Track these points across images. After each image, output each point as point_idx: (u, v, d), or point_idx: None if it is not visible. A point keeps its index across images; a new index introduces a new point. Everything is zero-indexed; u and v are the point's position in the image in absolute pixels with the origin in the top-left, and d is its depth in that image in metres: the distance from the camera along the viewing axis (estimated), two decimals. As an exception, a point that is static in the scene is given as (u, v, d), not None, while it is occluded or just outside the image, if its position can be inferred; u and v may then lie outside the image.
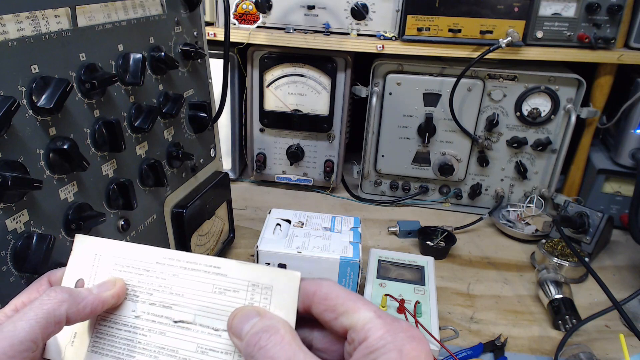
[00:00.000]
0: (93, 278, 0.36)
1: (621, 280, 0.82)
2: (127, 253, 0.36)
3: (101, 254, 0.37)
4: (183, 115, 0.66)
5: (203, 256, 0.35)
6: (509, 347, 0.66)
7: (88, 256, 0.37)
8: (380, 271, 0.72)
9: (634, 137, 0.91)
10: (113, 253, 0.37)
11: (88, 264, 0.37)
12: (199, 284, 0.34)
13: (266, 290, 0.33)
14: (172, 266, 0.35)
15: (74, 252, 0.37)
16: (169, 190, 0.64)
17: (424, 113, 0.95)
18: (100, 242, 0.37)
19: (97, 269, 0.36)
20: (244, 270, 0.34)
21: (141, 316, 0.35)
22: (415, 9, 0.87)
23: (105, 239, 0.37)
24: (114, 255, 0.37)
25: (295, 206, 0.99)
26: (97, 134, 0.49)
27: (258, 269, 0.33)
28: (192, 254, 0.35)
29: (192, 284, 0.34)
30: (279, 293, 0.33)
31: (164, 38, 0.60)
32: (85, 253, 0.37)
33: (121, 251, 0.37)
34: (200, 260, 0.35)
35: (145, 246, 0.36)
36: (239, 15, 0.91)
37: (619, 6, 0.84)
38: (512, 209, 0.97)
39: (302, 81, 0.96)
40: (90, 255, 0.37)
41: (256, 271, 0.33)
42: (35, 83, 0.42)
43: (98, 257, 0.37)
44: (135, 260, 0.36)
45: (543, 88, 0.91)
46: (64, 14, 0.45)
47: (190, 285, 0.34)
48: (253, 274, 0.33)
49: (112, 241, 0.37)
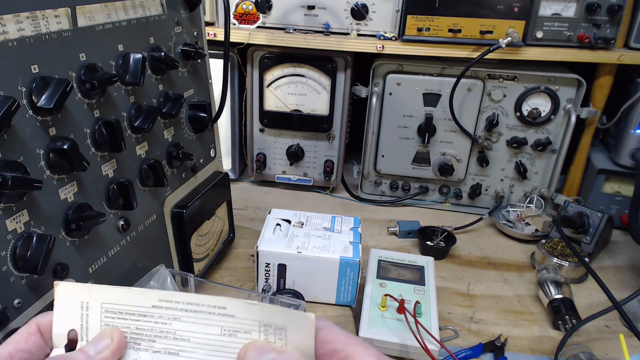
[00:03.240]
0: (85, 329, 0.33)
1: (621, 280, 0.82)
2: (117, 298, 0.33)
3: (88, 301, 0.33)
4: (183, 116, 0.66)
5: (204, 296, 0.32)
6: (509, 347, 0.66)
7: (74, 305, 0.33)
8: (380, 271, 0.72)
9: (634, 137, 0.91)
10: (101, 299, 0.33)
11: (76, 313, 0.33)
12: (205, 326, 0.32)
13: (280, 331, 0.31)
14: (171, 309, 0.32)
15: (57, 302, 0.33)
16: (169, 190, 0.64)
17: (424, 113, 0.95)
18: (83, 288, 0.33)
19: (87, 318, 0.33)
20: (253, 311, 0.31)
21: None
22: (415, 9, 0.87)
23: (89, 285, 0.33)
24: (104, 302, 0.33)
25: (295, 206, 0.99)
26: (97, 134, 0.49)
27: (268, 309, 0.31)
28: (190, 294, 0.32)
29: (197, 327, 0.32)
30: (295, 333, 0.30)
31: (164, 38, 0.60)
32: (70, 302, 0.33)
33: (110, 296, 0.33)
34: (201, 300, 0.32)
35: (136, 289, 0.33)
36: (239, 15, 0.91)
37: (619, 6, 0.84)
38: (512, 209, 0.97)
39: (302, 81, 0.96)
40: (77, 303, 0.33)
41: (267, 311, 0.31)
42: (35, 83, 0.42)
43: (85, 304, 0.33)
44: (128, 306, 0.32)
45: (543, 88, 0.91)
46: (64, 14, 0.45)
47: (195, 328, 0.32)
48: (264, 315, 0.31)
49: (97, 286, 0.33)
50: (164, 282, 0.56)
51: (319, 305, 0.72)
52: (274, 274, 0.70)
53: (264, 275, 0.70)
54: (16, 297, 0.42)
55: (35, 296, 0.44)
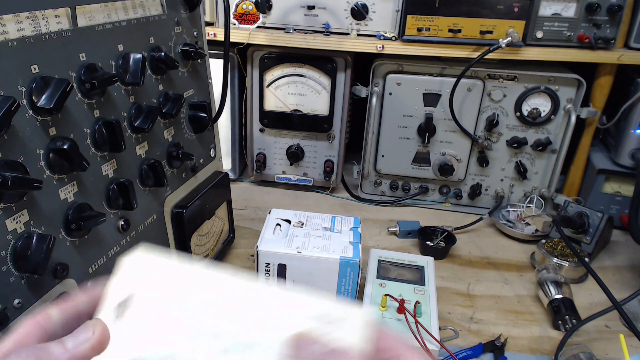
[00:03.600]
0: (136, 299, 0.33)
1: (621, 280, 0.82)
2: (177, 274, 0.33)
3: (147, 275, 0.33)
4: (183, 116, 0.66)
5: (265, 284, 0.33)
6: (509, 347, 0.66)
7: (133, 276, 0.33)
8: (380, 271, 0.72)
9: (634, 137, 0.91)
10: (161, 273, 0.33)
11: (132, 284, 0.33)
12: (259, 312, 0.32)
13: (332, 325, 0.31)
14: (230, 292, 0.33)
15: (119, 272, 0.34)
16: (169, 190, 0.64)
17: (424, 113, 0.95)
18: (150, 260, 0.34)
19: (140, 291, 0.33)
20: (310, 301, 0.32)
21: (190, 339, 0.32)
22: (415, 9, 0.87)
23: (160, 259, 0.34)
24: (162, 276, 0.33)
25: (295, 206, 0.99)
26: (97, 134, 0.49)
27: (325, 302, 0.32)
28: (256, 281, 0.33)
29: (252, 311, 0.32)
30: (347, 331, 0.30)
31: (164, 38, 0.60)
32: (131, 272, 0.33)
33: (169, 271, 0.33)
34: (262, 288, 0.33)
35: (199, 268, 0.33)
36: (239, 15, 0.91)
37: (619, 6, 0.84)
38: (512, 209, 0.97)
39: (302, 81, 0.96)
40: (135, 275, 0.33)
41: (323, 304, 0.32)
42: (35, 83, 0.42)
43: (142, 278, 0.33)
44: (185, 281, 0.33)
45: (543, 88, 0.91)
46: (64, 14, 0.45)
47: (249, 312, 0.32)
48: (319, 307, 0.31)
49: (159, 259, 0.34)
50: (164, 282, 0.56)
51: (319, 305, 0.71)
52: (274, 274, 0.70)
53: (264, 276, 0.70)
54: (16, 297, 0.42)
55: (35, 296, 0.43)
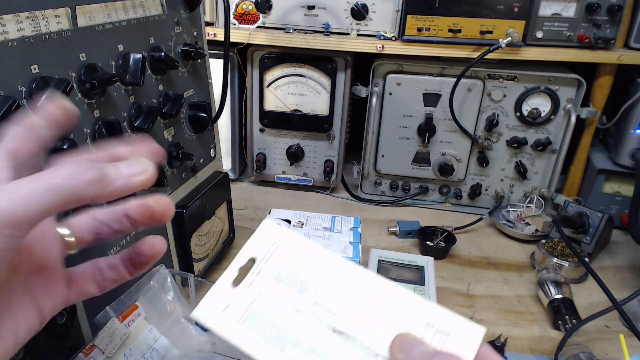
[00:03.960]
0: (265, 260, 0.36)
1: (621, 280, 0.82)
2: (307, 250, 0.36)
3: (280, 243, 0.37)
4: (183, 116, 0.66)
5: (380, 277, 0.34)
6: (509, 347, 0.66)
7: (267, 241, 0.37)
8: (380, 271, 0.72)
9: (634, 137, 0.91)
10: (293, 245, 0.36)
11: (265, 247, 0.37)
12: (372, 304, 0.33)
13: (442, 334, 0.31)
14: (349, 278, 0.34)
15: (255, 233, 0.37)
16: (169, 190, 0.64)
17: (424, 113, 0.95)
18: (284, 231, 0.37)
19: (272, 254, 0.36)
20: (423, 306, 0.32)
21: (302, 312, 0.34)
22: (415, 9, 0.87)
23: (290, 231, 0.37)
24: (293, 248, 0.36)
25: (295, 206, 0.99)
26: (97, 134, 0.49)
27: (438, 309, 0.32)
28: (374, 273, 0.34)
29: (365, 301, 0.33)
30: (457, 342, 0.30)
31: (164, 38, 0.60)
32: (266, 237, 0.37)
33: (302, 246, 0.36)
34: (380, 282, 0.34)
35: (326, 250, 0.36)
36: (239, 15, 0.91)
37: (619, 6, 0.84)
38: (512, 209, 0.97)
39: (302, 81, 0.96)
40: (270, 240, 0.37)
41: (435, 311, 0.32)
42: (35, 83, 0.42)
43: (277, 244, 0.37)
44: (313, 258, 0.35)
45: (543, 88, 0.91)
46: (64, 14, 0.45)
47: (362, 302, 0.33)
48: (431, 313, 0.32)
49: (296, 234, 0.37)
50: (164, 282, 0.56)
51: (319, 305, 0.72)
52: (274, 274, 0.70)
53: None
54: (16, 297, 0.42)
55: (35, 296, 0.43)
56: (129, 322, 0.49)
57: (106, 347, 0.46)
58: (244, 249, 0.37)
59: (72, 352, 0.47)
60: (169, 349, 0.52)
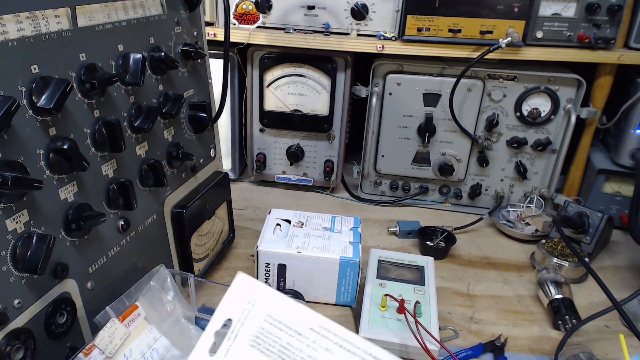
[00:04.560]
0: (242, 322, 0.35)
1: (621, 280, 0.82)
2: (282, 308, 0.35)
3: (256, 300, 0.36)
4: (183, 116, 0.66)
5: (363, 340, 0.33)
6: (509, 347, 0.66)
7: (243, 298, 0.36)
8: (380, 271, 0.72)
9: (634, 137, 0.91)
10: (268, 303, 0.35)
11: (241, 306, 0.36)
12: None
13: None
14: (326, 339, 0.33)
15: (230, 289, 0.37)
16: (169, 190, 0.64)
17: (424, 113, 0.95)
18: (259, 287, 0.36)
19: (248, 314, 0.35)
20: None
21: None
22: (415, 9, 0.87)
23: (265, 286, 0.36)
24: (268, 306, 0.35)
25: (295, 206, 0.99)
26: (97, 134, 0.49)
27: None
28: (350, 332, 0.33)
29: None
30: None
31: (164, 38, 0.60)
32: (240, 294, 0.36)
33: (276, 304, 0.35)
34: (359, 343, 0.33)
35: (302, 306, 0.35)
36: (239, 15, 0.91)
37: (619, 6, 0.84)
38: (512, 209, 0.97)
39: (302, 81, 0.96)
40: (245, 298, 0.36)
41: None
42: (35, 83, 0.42)
43: (252, 302, 0.36)
44: (288, 318, 0.34)
45: (543, 88, 0.91)
46: (64, 14, 0.45)
47: None
48: None
49: (271, 290, 0.36)
50: (164, 282, 0.56)
51: (319, 305, 0.72)
52: (274, 274, 0.70)
53: (264, 276, 0.70)
54: (16, 297, 0.42)
55: (35, 296, 0.44)
56: (129, 322, 0.49)
57: (106, 347, 0.46)
58: (219, 310, 0.36)
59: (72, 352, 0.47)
60: (169, 349, 0.52)
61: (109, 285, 0.53)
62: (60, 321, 0.46)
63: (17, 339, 0.41)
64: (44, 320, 0.44)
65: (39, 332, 0.44)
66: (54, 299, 0.45)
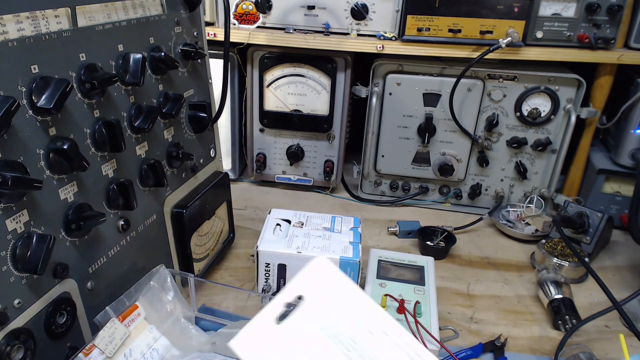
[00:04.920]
0: (313, 303, 0.35)
1: (621, 280, 0.82)
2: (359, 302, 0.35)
3: (331, 285, 0.36)
4: (183, 116, 0.66)
5: None
6: (509, 347, 0.66)
7: (318, 280, 0.36)
8: (380, 271, 0.72)
9: (634, 137, 0.91)
10: (345, 292, 0.35)
11: (314, 287, 0.36)
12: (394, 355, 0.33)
13: None
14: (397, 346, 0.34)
15: (308, 268, 0.37)
16: (169, 190, 0.64)
17: (423, 113, 0.95)
18: (337, 273, 0.36)
19: (321, 296, 0.35)
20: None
21: None
22: (415, 9, 0.87)
23: (343, 275, 0.37)
24: (346, 296, 0.35)
25: (295, 206, 0.99)
26: (97, 134, 0.49)
27: None
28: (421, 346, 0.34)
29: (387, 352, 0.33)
30: None
31: (164, 38, 0.60)
32: (317, 275, 0.36)
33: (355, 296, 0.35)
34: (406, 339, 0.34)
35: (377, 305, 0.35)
36: (239, 15, 0.91)
37: (619, 6, 0.84)
38: (512, 209, 0.97)
39: (302, 81, 0.96)
40: (321, 280, 0.36)
41: None
42: (35, 83, 0.42)
43: (327, 286, 0.36)
44: (363, 314, 0.34)
45: (543, 88, 0.91)
46: (64, 14, 0.45)
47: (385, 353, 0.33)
48: None
49: (349, 281, 0.36)
50: (164, 282, 0.56)
51: (319, 305, 0.71)
52: (274, 274, 0.70)
53: (264, 276, 0.70)
54: (16, 297, 0.42)
55: (35, 296, 0.44)
56: (129, 322, 0.49)
57: (106, 347, 0.46)
58: (292, 284, 0.36)
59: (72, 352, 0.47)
60: (169, 349, 0.52)
61: (109, 285, 0.53)
62: (60, 321, 0.46)
63: (17, 339, 0.41)
64: (44, 320, 0.44)
65: (39, 332, 0.44)
66: (54, 299, 0.45)
